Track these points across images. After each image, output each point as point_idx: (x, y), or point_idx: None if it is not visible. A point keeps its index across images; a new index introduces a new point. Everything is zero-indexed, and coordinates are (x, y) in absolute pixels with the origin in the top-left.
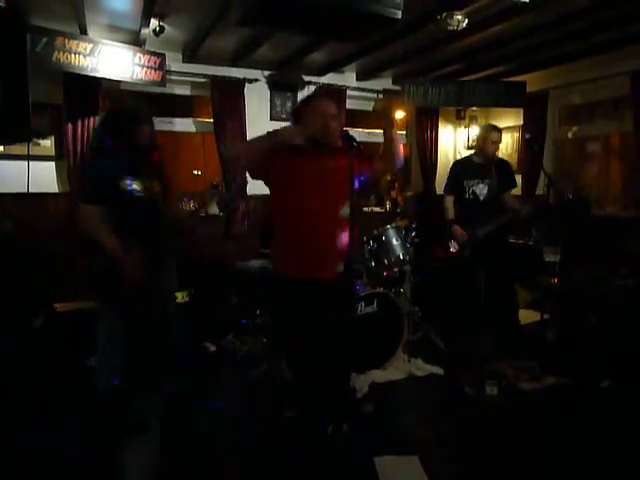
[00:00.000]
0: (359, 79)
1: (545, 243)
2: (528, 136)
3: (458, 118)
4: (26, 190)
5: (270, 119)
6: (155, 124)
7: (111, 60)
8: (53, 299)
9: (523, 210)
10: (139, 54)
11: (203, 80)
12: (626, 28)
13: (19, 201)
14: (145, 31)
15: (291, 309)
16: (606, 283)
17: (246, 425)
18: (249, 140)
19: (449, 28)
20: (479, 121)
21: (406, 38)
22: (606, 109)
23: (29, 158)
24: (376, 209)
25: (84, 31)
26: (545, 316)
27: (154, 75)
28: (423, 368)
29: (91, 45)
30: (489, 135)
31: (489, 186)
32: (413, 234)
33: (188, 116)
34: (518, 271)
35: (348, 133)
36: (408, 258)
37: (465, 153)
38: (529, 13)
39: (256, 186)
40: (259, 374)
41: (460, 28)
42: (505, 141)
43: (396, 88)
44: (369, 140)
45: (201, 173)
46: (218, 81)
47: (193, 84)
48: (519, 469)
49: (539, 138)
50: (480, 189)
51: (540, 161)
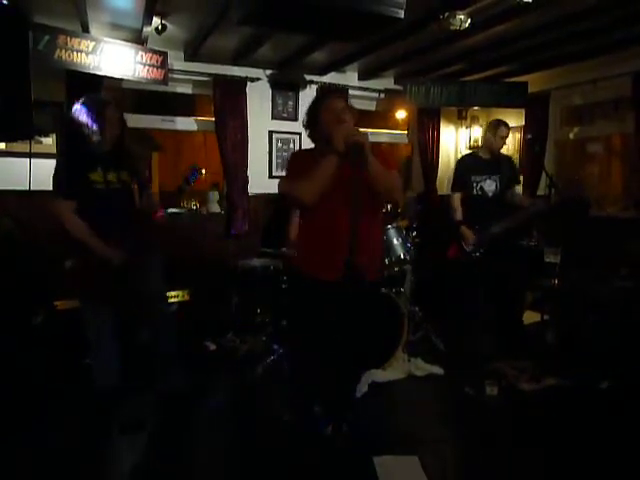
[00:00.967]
0: (361, 79)
1: (546, 244)
2: (529, 137)
3: (460, 118)
4: (28, 188)
5: (272, 118)
6: (156, 122)
7: (113, 58)
8: (53, 297)
9: (535, 207)
10: (141, 52)
11: (205, 79)
12: (628, 29)
13: (21, 199)
14: (147, 29)
15: (312, 309)
16: (606, 284)
17: (246, 425)
18: (319, 172)
19: (451, 28)
20: (481, 121)
21: (408, 38)
22: (607, 110)
23: (31, 156)
24: None
25: (86, 29)
26: (545, 317)
27: (156, 73)
28: (423, 368)
29: (93, 43)
30: (498, 129)
31: (497, 182)
32: (414, 234)
33: (190, 115)
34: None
35: (357, 143)
36: (409, 258)
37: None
38: (531, 13)
39: (257, 185)
40: (259, 373)
41: (462, 28)
42: (507, 141)
43: (398, 88)
44: (372, 140)
45: (204, 172)
46: (220, 80)
47: (195, 83)
48: (519, 469)
49: (540, 139)
50: (488, 185)
51: (541, 162)
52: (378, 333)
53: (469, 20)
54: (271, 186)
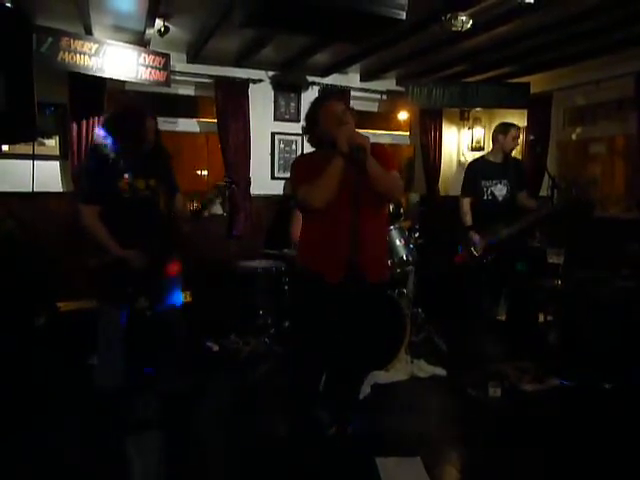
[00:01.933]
0: (363, 80)
1: (549, 245)
2: (532, 137)
3: (462, 119)
4: (31, 189)
5: (274, 119)
6: (158, 123)
7: (116, 60)
8: (56, 298)
9: (543, 210)
10: (144, 54)
11: (207, 80)
12: (630, 29)
13: (24, 200)
14: (150, 31)
15: (315, 310)
16: (609, 285)
17: (248, 426)
18: (328, 177)
19: (453, 29)
20: (483, 122)
21: (410, 39)
22: (610, 111)
23: (34, 157)
24: None
25: (89, 31)
26: (548, 317)
27: (159, 75)
28: (426, 369)
29: (96, 45)
30: (510, 131)
31: (507, 186)
32: (416, 235)
33: (192, 116)
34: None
35: (360, 145)
36: (411, 259)
37: (469, 154)
38: (533, 14)
39: (259, 187)
40: (261, 374)
41: (464, 29)
42: None
43: (400, 89)
44: (374, 141)
45: (207, 174)
46: (222, 81)
47: (197, 84)
48: (522, 470)
49: (543, 139)
50: (499, 190)
51: (544, 163)
52: (381, 334)
53: (471, 21)
54: (273, 187)
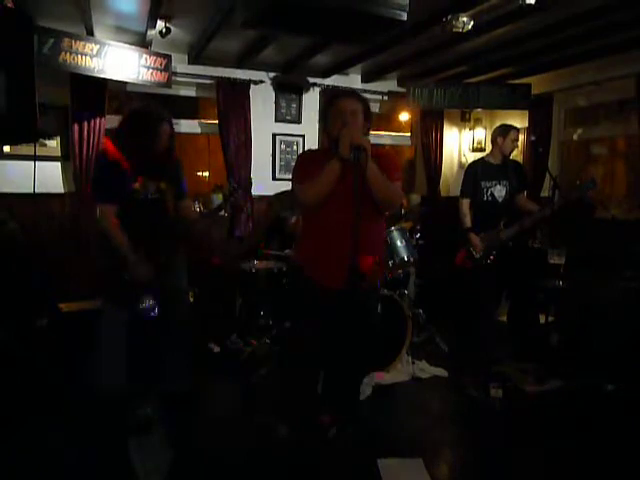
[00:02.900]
0: (364, 81)
1: (550, 245)
2: (533, 138)
3: (463, 120)
4: (32, 190)
5: (275, 120)
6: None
7: (117, 61)
8: (58, 299)
9: (544, 213)
10: (145, 55)
11: (208, 81)
12: (631, 31)
13: (25, 201)
14: (151, 32)
15: (314, 311)
16: (611, 285)
17: (249, 426)
18: (323, 178)
19: (454, 30)
20: (484, 123)
21: (411, 40)
22: (611, 111)
23: (35, 158)
24: None
25: (91, 32)
26: (549, 318)
27: (160, 76)
28: (427, 370)
29: (97, 46)
30: (509, 133)
31: (507, 187)
32: (417, 236)
33: (193, 117)
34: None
35: (359, 146)
36: (412, 260)
37: (470, 155)
38: (534, 15)
39: (260, 187)
40: (263, 375)
41: (465, 30)
42: None
43: (401, 90)
44: (375, 142)
45: (208, 175)
46: (223, 82)
47: (198, 85)
48: (523, 471)
49: (544, 140)
50: (498, 191)
51: (545, 163)
52: (382, 335)
53: (472, 22)
54: (274, 188)
